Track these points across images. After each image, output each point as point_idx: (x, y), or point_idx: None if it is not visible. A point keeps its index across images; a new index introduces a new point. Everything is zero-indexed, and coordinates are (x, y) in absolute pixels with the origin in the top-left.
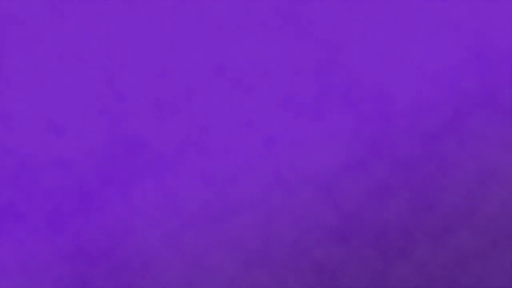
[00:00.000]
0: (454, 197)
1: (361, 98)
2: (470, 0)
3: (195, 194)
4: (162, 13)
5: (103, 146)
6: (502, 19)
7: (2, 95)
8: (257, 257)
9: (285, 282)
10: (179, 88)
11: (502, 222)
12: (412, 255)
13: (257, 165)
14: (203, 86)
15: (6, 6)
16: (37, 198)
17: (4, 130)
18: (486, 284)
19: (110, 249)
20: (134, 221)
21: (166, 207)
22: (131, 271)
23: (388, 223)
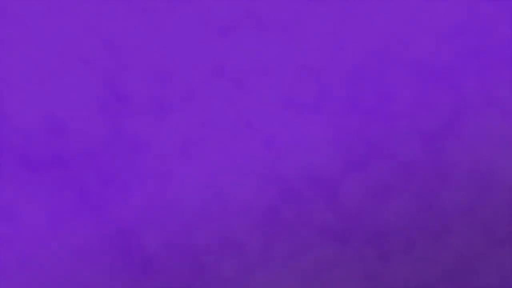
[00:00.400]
0: (454, 197)
1: (361, 98)
2: (470, 0)
3: (195, 194)
4: (162, 14)
5: (103, 146)
6: (502, 19)
7: (2, 95)
8: (257, 257)
9: (285, 282)
10: (179, 88)
11: (502, 222)
12: (412, 255)
13: (257, 165)
14: (203, 86)
15: (6, 6)
16: (37, 198)
17: (4, 130)
18: (486, 283)
19: (110, 249)
20: (134, 221)
21: (166, 207)
22: (131, 271)
23: (388, 223)
